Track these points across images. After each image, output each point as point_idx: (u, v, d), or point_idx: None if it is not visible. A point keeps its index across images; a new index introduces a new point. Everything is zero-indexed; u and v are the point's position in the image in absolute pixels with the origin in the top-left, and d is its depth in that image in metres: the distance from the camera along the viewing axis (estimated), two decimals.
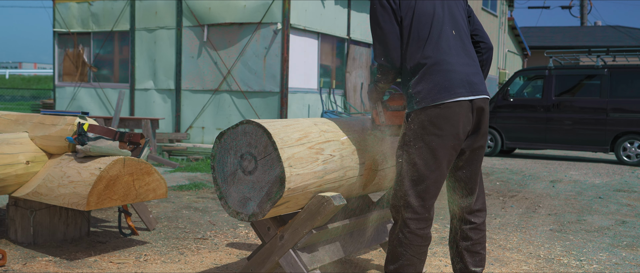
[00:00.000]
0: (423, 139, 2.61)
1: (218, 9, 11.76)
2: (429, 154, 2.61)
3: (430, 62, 2.63)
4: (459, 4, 2.87)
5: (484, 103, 2.72)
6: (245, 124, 2.75)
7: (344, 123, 3.17)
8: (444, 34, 2.69)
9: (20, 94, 30.26)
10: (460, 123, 2.62)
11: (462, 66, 2.68)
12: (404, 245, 2.67)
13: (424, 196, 2.65)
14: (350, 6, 13.43)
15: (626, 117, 10.87)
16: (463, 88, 2.63)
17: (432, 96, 2.59)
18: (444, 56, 2.65)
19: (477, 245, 2.88)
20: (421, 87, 2.62)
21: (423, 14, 2.69)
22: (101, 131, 3.87)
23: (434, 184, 2.65)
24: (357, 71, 13.74)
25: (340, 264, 3.78)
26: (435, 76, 2.61)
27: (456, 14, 2.81)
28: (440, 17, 2.72)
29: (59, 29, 14.20)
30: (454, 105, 2.60)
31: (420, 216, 2.66)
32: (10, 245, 4.04)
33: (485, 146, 2.85)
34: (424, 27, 2.68)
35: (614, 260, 4.17)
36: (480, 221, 2.89)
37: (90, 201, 3.52)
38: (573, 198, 6.84)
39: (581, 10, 35.91)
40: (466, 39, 2.81)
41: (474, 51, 2.85)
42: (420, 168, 2.62)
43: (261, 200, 2.72)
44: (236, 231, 4.74)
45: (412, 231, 2.66)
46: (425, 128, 2.60)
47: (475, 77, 2.71)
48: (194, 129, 12.23)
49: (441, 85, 2.60)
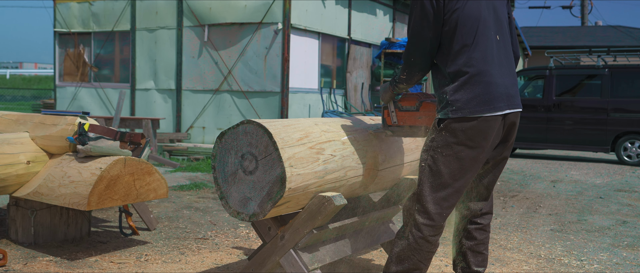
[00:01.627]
0: (453, 148, 2.56)
1: (219, 9, 11.76)
2: (457, 164, 2.56)
3: (473, 72, 2.54)
4: (503, 4, 2.76)
5: (516, 117, 2.69)
6: (246, 124, 2.75)
7: (345, 122, 3.17)
8: (489, 41, 2.60)
9: (21, 94, 30.27)
10: (492, 136, 2.59)
11: (503, 77, 2.60)
12: (413, 250, 2.63)
13: (442, 204, 2.60)
14: (351, 6, 13.42)
15: (627, 117, 10.86)
16: (502, 102, 2.57)
17: (471, 108, 2.52)
18: (487, 66, 2.56)
19: (480, 245, 2.87)
20: (460, 96, 2.53)
21: (469, 17, 2.57)
22: (102, 131, 3.87)
23: (455, 194, 2.61)
24: (357, 71, 13.74)
25: (341, 264, 3.78)
26: (476, 87, 2.53)
27: (501, 16, 2.71)
28: (487, 21, 2.62)
29: (59, 29, 14.20)
30: (492, 119, 2.55)
31: (435, 224, 2.61)
32: (11, 245, 4.04)
33: (508, 156, 2.82)
34: (469, 31, 2.56)
35: (614, 260, 4.17)
36: (486, 222, 2.88)
37: (91, 201, 3.52)
38: (574, 198, 6.84)
39: (582, 10, 35.89)
40: (508, 44, 2.73)
41: (513, 57, 2.77)
42: (444, 176, 2.58)
43: (262, 199, 2.72)
44: (237, 231, 4.74)
45: (424, 237, 2.61)
46: (458, 137, 2.54)
47: (512, 88, 2.65)
48: (195, 129, 12.23)
49: (481, 98, 2.53)
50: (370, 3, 14.06)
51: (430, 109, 2.86)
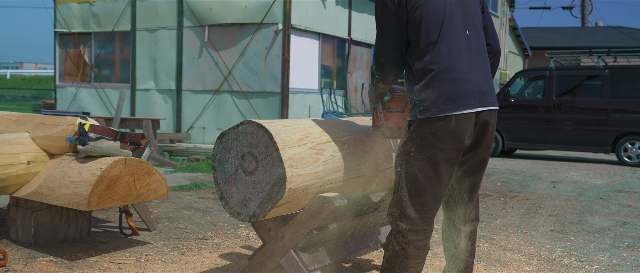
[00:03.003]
0: (424, 151, 2.45)
1: (219, 10, 11.76)
2: (430, 167, 2.45)
3: (439, 68, 2.43)
4: (474, 0, 2.64)
5: (490, 116, 2.54)
6: (246, 124, 2.75)
7: (345, 123, 3.17)
8: (456, 35, 2.48)
9: (21, 95, 30.28)
10: (464, 136, 2.46)
11: (473, 74, 2.48)
12: (400, 256, 2.54)
13: (422, 209, 2.50)
14: (351, 7, 13.43)
15: (627, 118, 10.86)
16: (472, 99, 2.44)
17: (438, 107, 2.40)
18: (454, 62, 2.45)
19: (465, 252, 2.79)
20: (426, 95, 2.43)
21: (433, 13, 2.46)
22: (102, 131, 3.87)
23: (433, 197, 2.50)
24: (357, 72, 13.74)
25: (341, 265, 3.78)
26: (443, 84, 2.42)
27: (471, 10, 2.59)
28: (453, 15, 2.50)
29: (60, 30, 14.21)
30: (461, 118, 2.42)
31: (418, 228, 2.51)
32: (12, 245, 4.04)
33: (487, 159, 2.69)
34: (434, 27, 2.45)
35: (614, 261, 4.17)
36: (471, 229, 2.79)
37: (91, 202, 3.53)
38: (574, 199, 6.84)
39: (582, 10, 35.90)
40: (480, 40, 2.60)
41: (487, 53, 2.64)
42: (420, 180, 2.47)
43: (262, 200, 2.72)
44: (237, 231, 4.74)
45: (409, 243, 2.52)
46: (427, 140, 2.44)
47: (485, 85, 2.52)
48: (195, 129, 12.23)
49: (448, 95, 2.41)
50: (370, 3, 14.06)
51: None
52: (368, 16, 14.10)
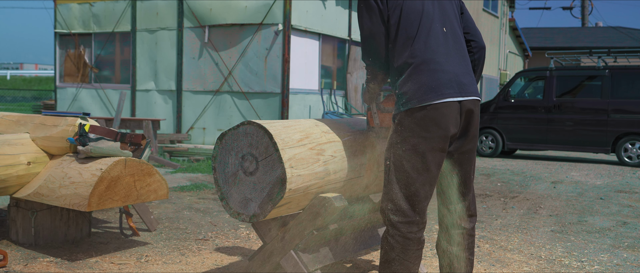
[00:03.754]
0: (409, 141, 2.52)
1: (219, 10, 11.76)
2: (416, 157, 2.52)
3: (417, 62, 2.55)
4: (450, 2, 2.77)
5: (474, 105, 2.62)
6: (247, 125, 2.75)
7: (345, 123, 3.17)
8: (433, 31, 2.60)
9: (21, 95, 30.29)
10: (448, 124, 2.53)
11: (452, 66, 2.58)
12: (395, 250, 2.56)
13: (413, 200, 2.55)
14: (351, 7, 13.43)
15: (627, 118, 10.86)
16: (451, 89, 2.53)
17: (419, 97, 2.50)
18: (431, 55, 2.56)
19: (466, 250, 2.79)
20: (408, 87, 2.54)
21: (411, 11, 2.61)
22: (102, 132, 3.88)
23: (422, 187, 2.55)
24: (358, 72, 13.75)
25: (342, 265, 3.78)
26: (422, 75, 2.53)
27: (448, 11, 2.72)
28: (430, 14, 2.63)
29: (60, 30, 14.21)
30: (442, 106, 2.50)
31: (411, 220, 2.55)
32: (12, 246, 4.05)
33: (475, 149, 2.76)
34: (412, 24, 2.59)
35: (615, 261, 4.17)
36: (470, 226, 2.80)
37: (91, 202, 3.53)
38: (574, 199, 6.84)
39: (582, 11, 35.90)
40: (458, 37, 2.72)
41: (466, 49, 2.75)
42: (408, 171, 2.53)
43: (262, 200, 2.72)
44: (237, 232, 4.74)
45: (403, 235, 2.55)
46: (412, 130, 2.52)
47: (465, 77, 2.61)
48: (195, 130, 12.23)
49: (428, 85, 2.51)
50: None
51: None
52: None
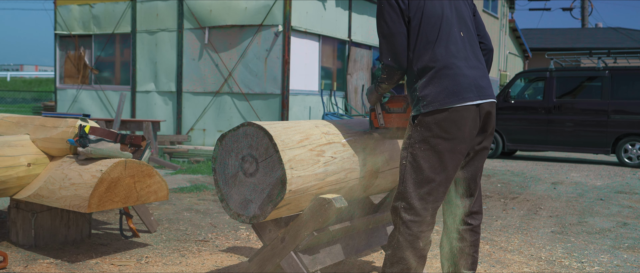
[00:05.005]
0: (429, 142, 2.58)
1: (219, 11, 11.77)
2: (435, 157, 2.58)
3: (439, 66, 2.60)
4: (465, 4, 2.84)
5: (491, 107, 2.71)
6: (247, 126, 2.75)
7: (345, 124, 3.17)
8: (452, 36, 2.67)
9: (21, 97, 30.29)
10: (467, 127, 2.60)
11: (470, 70, 2.66)
12: (404, 249, 2.61)
13: (427, 199, 2.60)
14: (351, 8, 13.43)
15: (627, 119, 10.86)
16: (471, 92, 2.61)
17: (441, 100, 2.57)
18: (452, 59, 2.62)
19: (471, 247, 2.83)
20: (429, 90, 2.59)
21: (432, 15, 2.66)
22: (102, 133, 3.88)
23: (438, 187, 2.61)
24: (358, 73, 13.75)
25: (342, 266, 3.78)
26: (444, 79, 2.59)
27: (464, 14, 2.79)
28: (449, 18, 2.69)
29: (60, 32, 14.21)
30: (463, 109, 2.58)
31: (422, 219, 2.60)
32: (12, 248, 4.04)
33: (489, 147, 2.83)
34: (432, 28, 2.64)
35: (615, 262, 4.17)
36: (476, 223, 2.84)
37: (91, 204, 3.53)
38: (574, 200, 6.83)
39: (582, 12, 35.91)
40: (474, 40, 2.79)
41: (481, 52, 2.83)
42: (425, 170, 2.59)
43: (262, 202, 2.72)
44: (237, 233, 4.74)
45: (413, 234, 2.60)
46: (432, 131, 2.58)
47: (482, 80, 2.69)
48: (195, 131, 12.23)
49: (450, 89, 2.58)
50: (370, 5, 14.06)
51: None
52: (368, 18, 14.11)
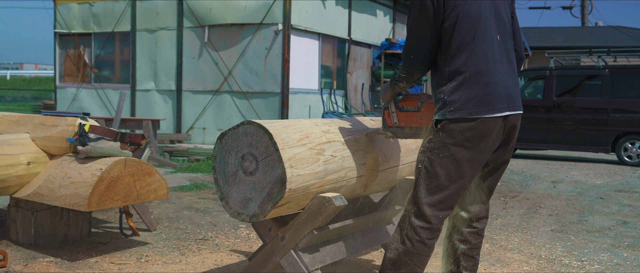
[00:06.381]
0: (450, 149, 2.49)
1: (219, 10, 11.76)
2: (454, 165, 2.51)
3: (472, 71, 2.48)
4: (505, 4, 2.69)
5: (517, 119, 2.62)
6: (247, 125, 2.75)
7: (345, 123, 3.17)
8: (489, 39, 2.53)
9: (21, 95, 30.28)
10: (491, 138, 2.52)
11: (503, 78, 2.53)
12: (410, 254, 2.56)
13: (439, 207, 2.54)
14: (351, 7, 13.43)
15: (627, 117, 10.86)
16: (501, 103, 2.50)
17: (469, 109, 2.46)
18: (486, 65, 2.49)
19: (474, 249, 2.81)
20: (458, 96, 2.47)
21: (469, 15, 2.51)
22: (102, 132, 3.87)
23: (452, 196, 2.54)
24: (357, 72, 13.74)
25: (342, 265, 3.78)
26: (475, 87, 2.47)
27: (503, 16, 2.65)
28: (487, 20, 2.55)
29: (60, 30, 14.21)
30: (490, 121, 2.48)
31: (432, 227, 2.55)
32: (12, 246, 4.04)
33: (509, 160, 2.76)
34: (468, 30, 2.50)
35: (615, 261, 4.17)
36: (482, 226, 2.83)
37: (91, 202, 3.53)
38: (574, 199, 6.84)
39: (582, 10, 35.89)
40: (510, 44, 2.66)
41: (515, 57, 2.69)
42: (441, 177, 2.52)
43: (262, 200, 2.72)
44: (237, 232, 4.74)
45: (421, 241, 2.55)
46: (455, 139, 2.48)
47: (513, 89, 2.58)
48: (195, 130, 12.23)
49: (479, 98, 2.46)
50: (370, 4, 14.06)
51: (432, 110, 2.81)
52: (368, 16, 14.11)
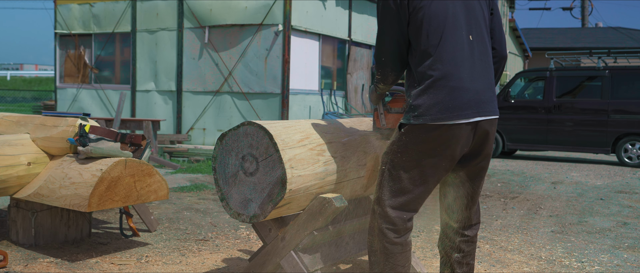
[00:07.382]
0: (412, 153, 2.42)
1: (219, 11, 11.77)
2: (417, 170, 2.44)
3: (437, 75, 2.36)
4: (481, 2, 2.56)
5: (490, 125, 2.48)
6: (247, 125, 2.75)
7: (345, 124, 3.17)
8: (458, 41, 2.40)
9: (21, 96, 30.29)
10: (458, 145, 2.41)
11: (473, 82, 2.40)
12: (385, 255, 2.52)
13: (403, 209, 2.48)
14: (351, 7, 13.43)
15: (627, 118, 10.86)
16: (469, 109, 2.38)
17: (433, 115, 2.35)
18: (453, 68, 2.37)
19: (467, 256, 2.76)
20: (422, 101, 2.37)
21: (435, 16, 2.38)
22: (102, 132, 3.88)
23: (416, 199, 2.49)
24: (358, 73, 13.75)
25: (342, 265, 3.78)
26: (440, 92, 2.35)
27: (477, 14, 2.51)
28: (456, 20, 2.43)
29: (60, 31, 14.21)
30: (455, 128, 2.37)
31: (397, 227, 2.49)
32: (12, 247, 4.04)
33: (487, 167, 2.65)
34: (434, 31, 2.38)
35: (615, 262, 4.17)
36: (473, 234, 2.76)
37: (91, 203, 3.53)
38: (574, 200, 6.83)
39: (582, 11, 35.91)
40: (484, 45, 2.52)
41: (491, 59, 2.56)
42: (404, 181, 2.45)
43: (262, 201, 2.72)
44: (237, 232, 4.74)
45: (391, 241, 2.49)
46: (418, 145, 2.41)
47: (485, 94, 2.44)
48: (195, 130, 12.23)
49: (444, 104, 2.35)
50: (370, 4, 14.06)
51: None
52: (368, 17, 14.11)
